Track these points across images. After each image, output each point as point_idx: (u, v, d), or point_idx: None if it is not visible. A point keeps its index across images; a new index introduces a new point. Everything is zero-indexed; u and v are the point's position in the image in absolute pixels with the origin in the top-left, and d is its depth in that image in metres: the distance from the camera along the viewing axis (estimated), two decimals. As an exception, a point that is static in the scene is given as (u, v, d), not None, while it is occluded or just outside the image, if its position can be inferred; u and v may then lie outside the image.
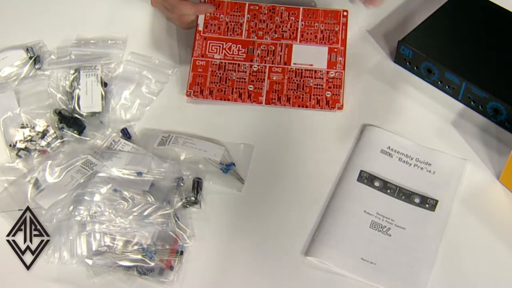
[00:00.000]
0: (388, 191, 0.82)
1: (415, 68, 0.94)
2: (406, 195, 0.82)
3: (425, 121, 0.89)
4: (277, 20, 0.99)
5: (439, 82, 0.92)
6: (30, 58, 0.95)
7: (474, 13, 0.97)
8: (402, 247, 0.77)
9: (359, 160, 0.85)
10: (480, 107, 0.89)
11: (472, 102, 0.90)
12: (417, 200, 0.81)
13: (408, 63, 0.94)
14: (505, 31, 0.94)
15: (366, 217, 0.80)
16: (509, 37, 0.94)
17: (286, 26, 0.98)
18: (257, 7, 1.00)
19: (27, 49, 0.96)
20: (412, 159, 0.85)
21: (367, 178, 0.83)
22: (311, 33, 0.97)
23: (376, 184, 0.82)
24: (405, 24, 0.98)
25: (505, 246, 0.78)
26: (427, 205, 0.81)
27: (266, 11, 0.99)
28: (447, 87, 0.92)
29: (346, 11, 0.99)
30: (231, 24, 0.98)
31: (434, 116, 0.90)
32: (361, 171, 0.83)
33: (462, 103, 0.91)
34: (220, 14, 0.99)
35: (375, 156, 0.85)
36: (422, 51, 0.89)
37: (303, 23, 0.98)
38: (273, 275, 0.76)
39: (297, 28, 0.98)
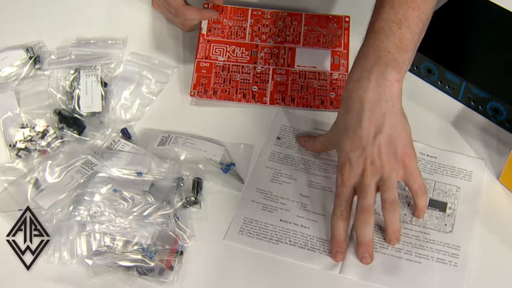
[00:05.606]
0: None
1: (415, 68, 0.94)
2: None
3: (425, 121, 0.89)
4: (280, 25, 0.99)
5: (439, 82, 0.92)
6: (30, 58, 0.95)
7: (474, 13, 0.97)
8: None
9: None
10: (480, 107, 0.89)
11: (472, 102, 0.90)
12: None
13: (408, 63, 0.94)
14: (505, 31, 0.94)
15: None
16: (509, 37, 0.94)
17: (289, 31, 0.98)
18: (260, 13, 1.00)
19: (27, 49, 0.96)
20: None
21: None
22: (313, 37, 0.98)
23: None
24: (405, 24, 0.98)
25: (505, 246, 0.77)
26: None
27: (269, 16, 1.00)
28: (447, 87, 0.92)
29: (348, 16, 1.00)
30: (234, 28, 0.98)
31: (434, 116, 0.90)
32: None
33: (462, 103, 0.91)
34: (223, 19, 0.99)
35: None
36: (422, 51, 0.89)
37: (305, 28, 0.99)
38: (273, 276, 0.76)
39: (300, 33, 0.98)
